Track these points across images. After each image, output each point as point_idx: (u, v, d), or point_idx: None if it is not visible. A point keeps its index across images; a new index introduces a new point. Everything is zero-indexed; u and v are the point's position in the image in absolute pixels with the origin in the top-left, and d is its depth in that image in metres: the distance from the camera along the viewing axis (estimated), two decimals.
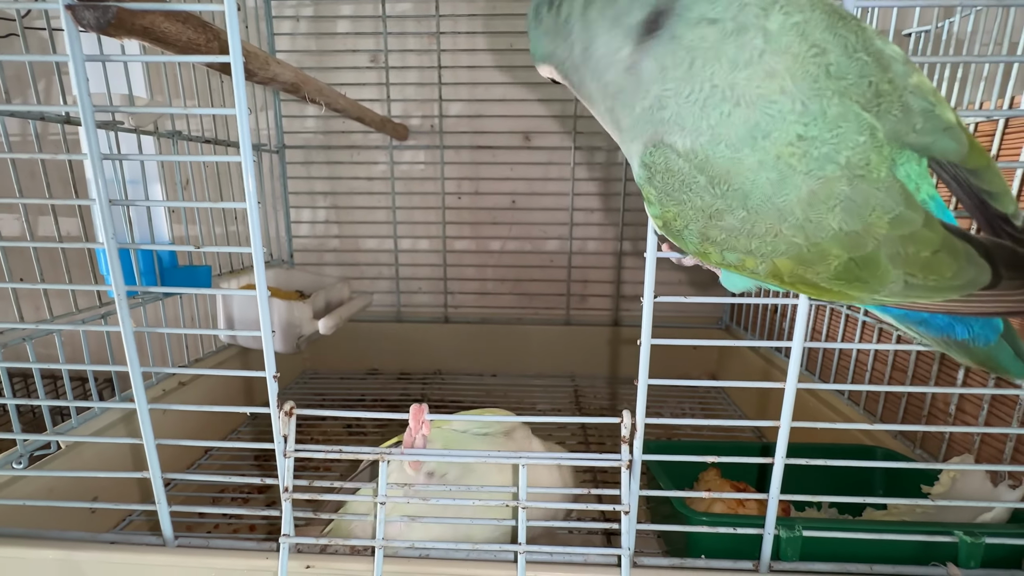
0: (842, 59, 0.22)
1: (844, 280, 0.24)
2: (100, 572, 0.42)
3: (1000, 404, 0.50)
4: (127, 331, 0.38)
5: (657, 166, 0.24)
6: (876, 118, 0.22)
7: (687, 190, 0.24)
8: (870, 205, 0.22)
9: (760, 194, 0.22)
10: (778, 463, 0.40)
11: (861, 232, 0.23)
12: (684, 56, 0.22)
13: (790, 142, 0.22)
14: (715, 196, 0.23)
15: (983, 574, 0.40)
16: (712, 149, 0.22)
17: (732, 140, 0.22)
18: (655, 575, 0.40)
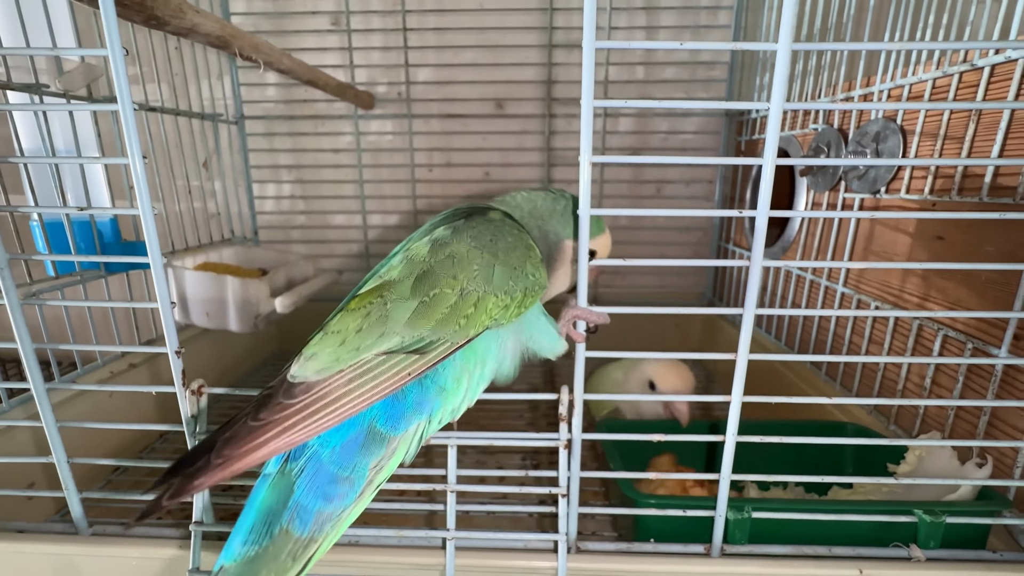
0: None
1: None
2: (8, 563, 0.40)
3: (976, 377, 0.47)
4: (13, 305, 0.35)
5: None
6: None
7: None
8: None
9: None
10: (729, 440, 0.37)
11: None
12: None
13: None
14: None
15: (945, 554, 0.38)
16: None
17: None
18: (597, 560, 0.38)
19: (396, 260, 0.32)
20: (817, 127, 0.68)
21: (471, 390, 0.31)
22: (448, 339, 0.29)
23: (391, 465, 0.29)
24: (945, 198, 0.49)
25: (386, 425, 0.28)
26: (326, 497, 0.27)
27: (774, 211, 0.32)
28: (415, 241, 0.33)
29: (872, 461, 0.49)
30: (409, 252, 0.32)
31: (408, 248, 0.33)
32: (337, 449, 0.27)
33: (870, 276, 0.61)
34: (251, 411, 0.27)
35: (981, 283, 0.46)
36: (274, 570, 0.25)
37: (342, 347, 0.28)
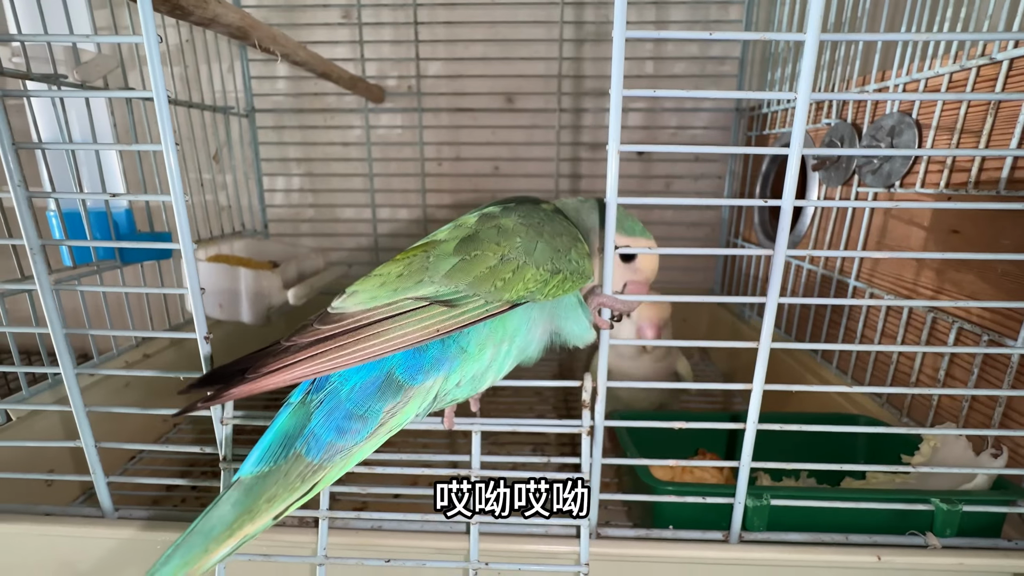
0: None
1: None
2: (37, 545, 0.40)
3: (991, 368, 0.47)
4: (44, 290, 0.35)
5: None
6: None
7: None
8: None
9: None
10: (750, 428, 0.37)
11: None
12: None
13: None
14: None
15: (961, 542, 0.38)
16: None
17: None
18: (618, 546, 0.38)
19: (445, 227, 0.34)
20: (830, 122, 0.68)
21: (496, 362, 0.32)
22: (482, 297, 0.30)
23: (405, 412, 0.30)
24: (961, 192, 0.49)
25: (404, 374, 0.29)
26: (339, 430, 0.28)
27: (799, 200, 0.33)
28: (465, 216, 0.35)
29: (884, 454, 0.50)
30: (458, 221, 0.34)
31: (457, 220, 0.34)
32: (356, 388, 0.29)
33: (883, 270, 0.61)
34: (285, 337, 0.29)
35: (996, 276, 0.47)
36: (283, 487, 0.27)
37: (381, 287, 0.30)
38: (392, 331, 0.28)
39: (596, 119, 0.99)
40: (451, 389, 0.31)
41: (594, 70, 0.97)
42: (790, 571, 0.39)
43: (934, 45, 0.54)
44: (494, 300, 0.30)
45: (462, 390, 0.32)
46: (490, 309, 0.30)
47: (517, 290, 0.30)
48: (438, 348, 0.30)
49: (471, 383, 0.32)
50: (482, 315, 0.29)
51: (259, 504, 0.27)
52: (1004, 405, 0.45)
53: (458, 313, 0.29)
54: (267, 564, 0.38)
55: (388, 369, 0.29)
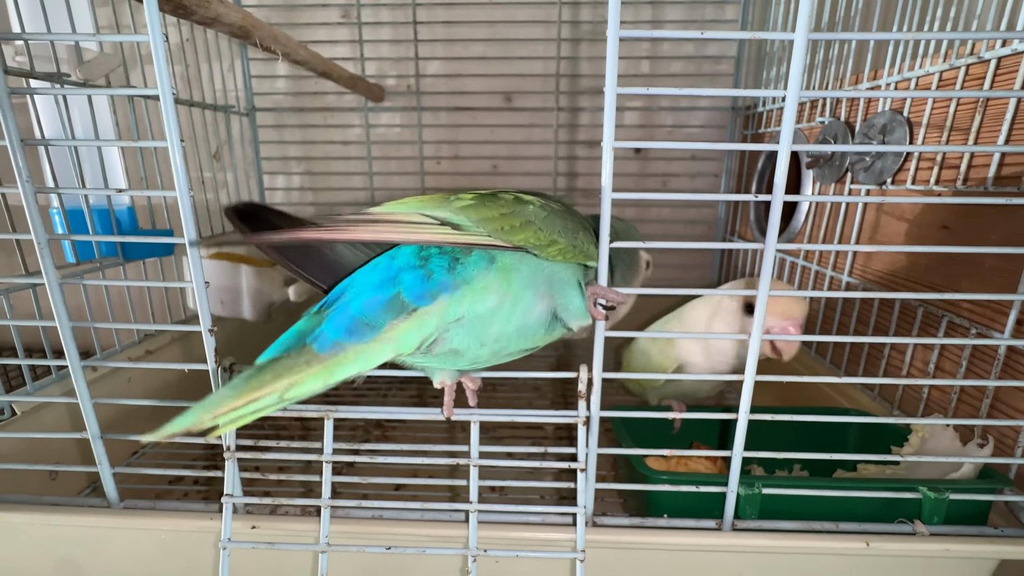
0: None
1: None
2: (45, 535, 0.41)
3: (979, 361, 0.48)
4: (52, 283, 0.36)
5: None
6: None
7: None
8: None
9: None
10: (742, 418, 0.38)
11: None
12: None
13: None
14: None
15: (948, 530, 0.39)
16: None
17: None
18: (614, 534, 0.39)
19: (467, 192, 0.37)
20: (824, 120, 0.69)
21: (498, 317, 0.33)
22: (489, 233, 0.33)
23: (407, 333, 0.32)
24: (950, 188, 0.50)
25: (410, 295, 0.32)
26: (347, 331, 0.31)
27: (789, 196, 0.34)
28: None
29: (875, 448, 0.51)
30: (479, 190, 0.37)
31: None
32: (366, 301, 0.32)
33: (875, 266, 0.62)
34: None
35: (985, 271, 0.48)
36: (290, 368, 0.30)
37: (403, 205, 0.35)
38: (405, 226, 0.31)
39: (593, 118, 1.00)
40: (452, 328, 0.32)
41: (591, 69, 0.98)
42: (782, 558, 0.40)
43: (924, 45, 0.55)
44: (499, 239, 0.33)
45: (462, 341, 0.33)
46: (493, 241, 0.32)
47: (523, 238, 0.33)
48: (443, 274, 0.32)
49: (471, 331, 0.33)
50: (486, 243, 0.32)
51: (265, 377, 0.29)
52: (991, 396, 0.46)
53: (464, 234, 0.32)
54: (271, 552, 0.39)
55: (396, 289, 0.32)
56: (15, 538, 0.42)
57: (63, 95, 0.59)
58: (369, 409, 0.39)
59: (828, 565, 0.39)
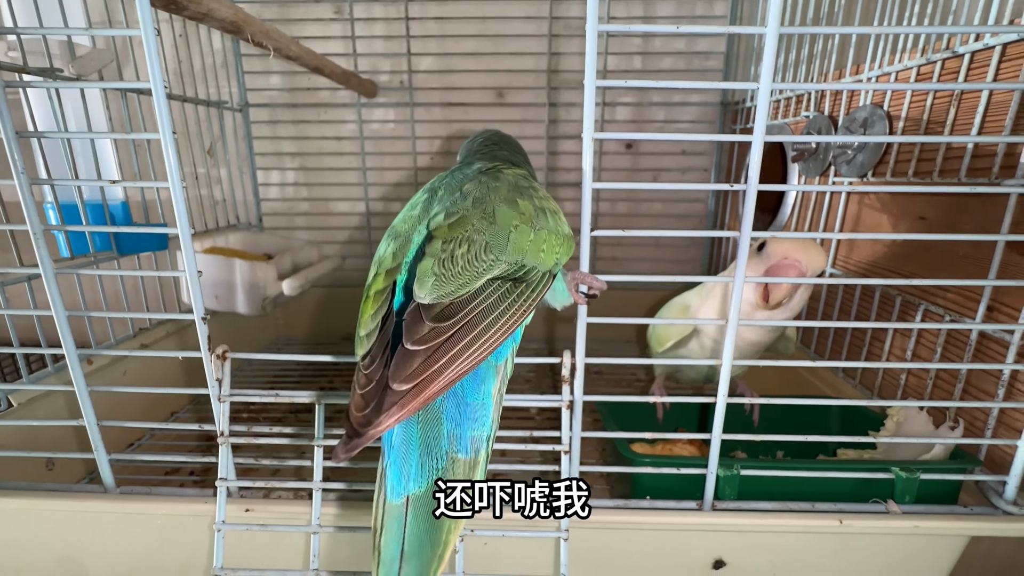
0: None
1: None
2: (42, 520, 0.42)
3: (953, 347, 0.49)
4: (47, 272, 0.37)
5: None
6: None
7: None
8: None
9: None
10: (720, 402, 0.39)
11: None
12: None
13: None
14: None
15: (920, 509, 0.41)
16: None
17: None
18: (598, 514, 0.40)
19: (439, 197, 0.35)
20: (809, 114, 0.70)
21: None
22: (538, 268, 0.31)
23: (502, 388, 0.32)
24: (927, 181, 0.52)
25: (493, 355, 0.30)
26: (473, 421, 0.29)
27: (763, 185, 0.35)
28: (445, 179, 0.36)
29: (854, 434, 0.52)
30: (450, 186, 0.36)
31: (440, 184, 0.36)
32: (466, 382, 0.30)
33: (857, 257, 0.63)
34: (388, 342, 0.29)
35: (958, 259, 0.49)
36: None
37: (463, 272, 0.30)
38: (498, 320, 0.29)
39: (583, 113, 1.01)
40: (511, 357, 0.32)
41: (581, 65, 0.97)
42: (759, 536, 0.41)
43: (903, 41, 0.56)
44: (543, 270, 0.31)
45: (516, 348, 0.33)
46: (543, 280, 0.31)
47: (553, 256, 0.32)
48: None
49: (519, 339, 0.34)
50: (543, 287, 0.31)
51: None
52: (964, 381, 0.47)
53: (527, 288, 0.30)
54: (265, 534, 0.40)
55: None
56: (13, 524, 0.43)
57: (56, 88, 0.59)
58: None
59: (803, 542, 0.41)
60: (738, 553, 0.42)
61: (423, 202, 0.35)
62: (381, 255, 0.34)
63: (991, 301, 0.45)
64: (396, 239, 0.34)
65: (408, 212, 0.36)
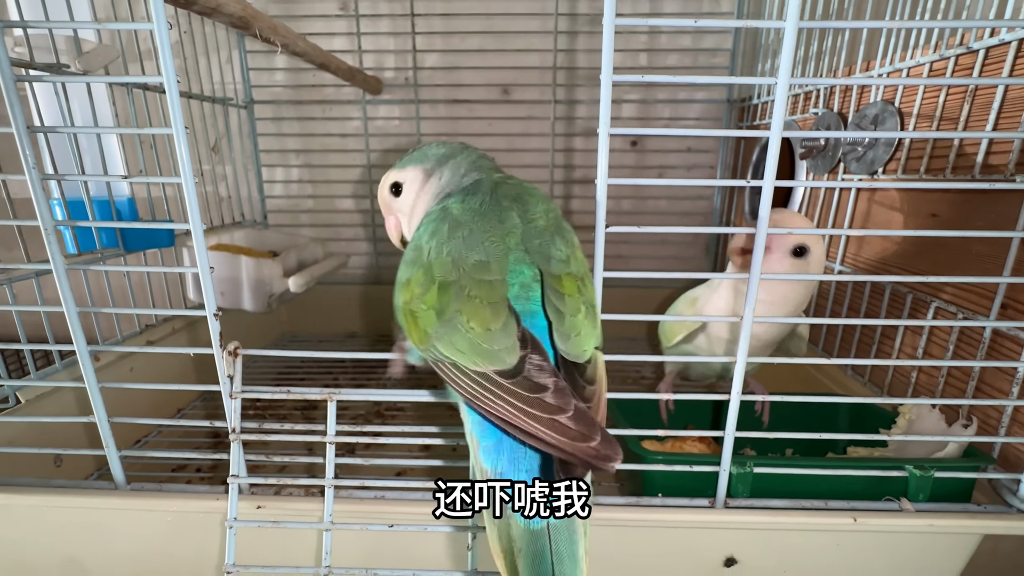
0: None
1: (431, 300, 0.33)
2: (52, 517, 0.42)
3: (965, 346, 0.49)
4: (59, 268, 0.37)
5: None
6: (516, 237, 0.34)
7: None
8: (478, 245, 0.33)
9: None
10: (734, 399, 0.39)
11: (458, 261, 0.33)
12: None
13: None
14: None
15: (933, 507, 0.41)
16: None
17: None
18: (610, 511, 0.40)
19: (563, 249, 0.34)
20: (817, 111, 0.70)
21: None
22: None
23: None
24: (939, 177, 0.52)
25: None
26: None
27: (779, 181, 0.35)
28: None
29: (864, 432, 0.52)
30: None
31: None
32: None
33: (866, 254, 0.63)
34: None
35: (972, 257, 0.49)
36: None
37: (595, 332, 0.32)
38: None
39: (590, 110, 1.00)
40: None
41: (588, 61, 0.98)
42: (772, 534, 0.41)
43: (916, 36, 0.56)
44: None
45: None
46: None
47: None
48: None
49: None
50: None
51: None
52: (976, 379, 0.47)
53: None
54: (277, 531, 0.40)
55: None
56: (23, 520, 0.43)
57: (63, 83, 0.59)
58: (370, 392, 0.40)
59: (816, 540, 0.41)
60: (750, 551, 0.42)
61: (492, 217, 0.34)
62: (476, 260, 0.32)
63: (1005, 299, 0.45)
64: (476, 248, 0.32)
65: (477, 225, 0.34)
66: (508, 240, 0.33)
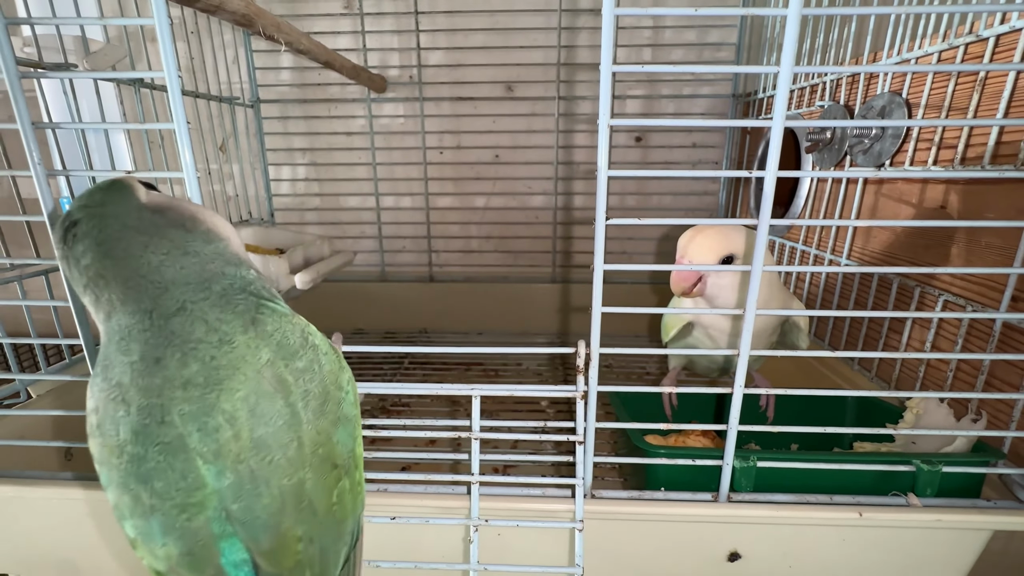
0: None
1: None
2: (64, 509, 0.43)
3: (975, 338, 0.48)
4: None
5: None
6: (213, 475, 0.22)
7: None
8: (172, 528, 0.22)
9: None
10: (737, 392, 0.39)
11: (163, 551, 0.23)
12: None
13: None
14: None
15: (941, 502, 0.40)
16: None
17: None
18: (612, 505, 0.40)
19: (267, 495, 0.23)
20: (824, 104, 0.69)
21: None
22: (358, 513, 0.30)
23: None
24: (948, 168, 0.51)
25: None
26: None
27: (782, 171, 0.34)
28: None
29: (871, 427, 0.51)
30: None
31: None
32: None
33: (873, 248, 0.62)
34: None
35: (981, 249, 0.48)
36: None
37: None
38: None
39: (594, 106, 1.00)
40: None
41: (591, 57, 0.98)
42: (776, 529, 0.40)
43: (924, 25, 0.55)
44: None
45: None
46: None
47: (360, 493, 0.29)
48: None
49: None
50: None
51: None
52: (986, 372, 0.46)
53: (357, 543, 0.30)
54: None
55: None
56: (35, 512, 0.44)
57: (70, 80, 0.60)
58: (375, 385, 0.40)
59: (821, 535, 0.40)
60: (754, 546, 0.41)
61: (158, 460, 0.22)
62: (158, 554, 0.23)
63: (1016, 291, 0.44)
64: (169, 533, 0.22)
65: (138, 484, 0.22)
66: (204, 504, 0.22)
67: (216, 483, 0.22)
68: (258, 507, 0.22)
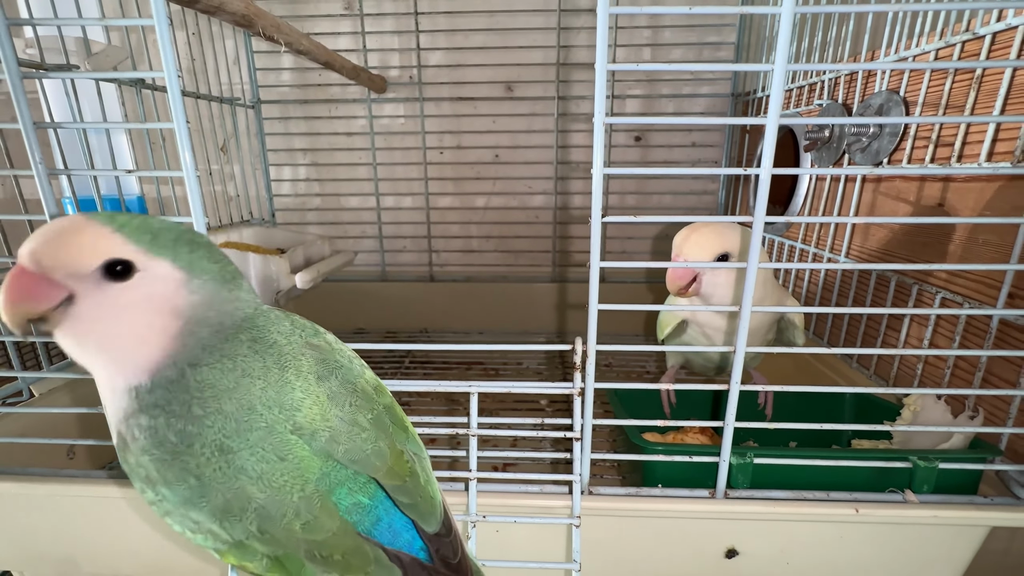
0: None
1: (275, 572, 0.26)
2: (66, 506, 0.43)
3: (972, 336, 0.48)
4: None
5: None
6: (308, 440, 0.25)
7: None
8: (283, 512, 0.24)
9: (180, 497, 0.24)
10: (733, 389, 0.39)
11: (278, 534, 0.25)
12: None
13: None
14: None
15: (938, 498, 0.40)
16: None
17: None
18: (609, 501, 0.40)
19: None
20: (822, 103, 0.69)
21: None
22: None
23: None
24: (946, 166, 0.51)
25: None
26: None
27: (777, 168, 0.34)
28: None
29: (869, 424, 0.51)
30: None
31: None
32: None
33: (872, 246, 0.62)
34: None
35: (978, 246, 0.48)
36: None
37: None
38: None
39: (592, 106, 1.00)
40: None
41: (590, 57, 0.98)
42: (772, 525, 0.41)
43: (920, 24, 0.55)
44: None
45: None
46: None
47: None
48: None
49: None
50: None
51: None
52: (983, 369, 0.46)
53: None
54: None
55: None
56: (37, 509, 0.44)
57: (72, 80, 0.61)
58: None
59: (817, 531, 0.40)
60: (751, 542, 0.41)
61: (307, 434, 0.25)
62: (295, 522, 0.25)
63: (1013, 287, 0.44)
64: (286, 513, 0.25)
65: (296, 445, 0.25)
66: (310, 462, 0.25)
67: (313, 446, 0.25)
68: (361, 442, 0.26)
